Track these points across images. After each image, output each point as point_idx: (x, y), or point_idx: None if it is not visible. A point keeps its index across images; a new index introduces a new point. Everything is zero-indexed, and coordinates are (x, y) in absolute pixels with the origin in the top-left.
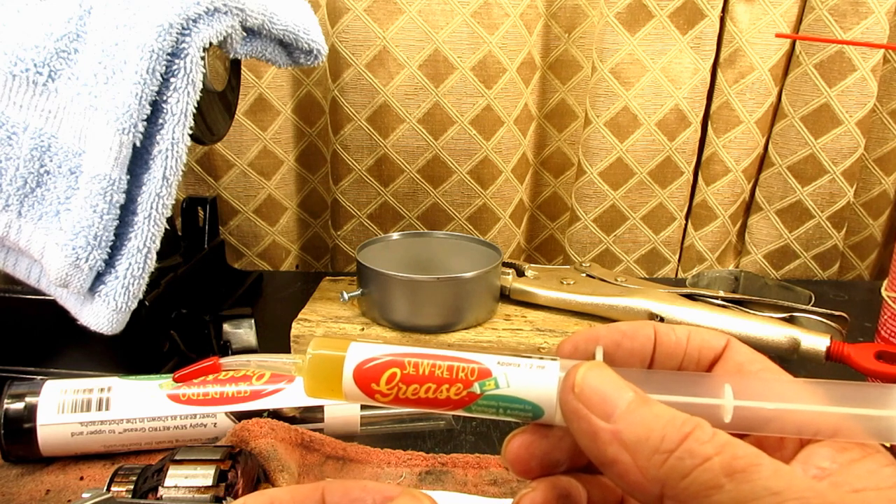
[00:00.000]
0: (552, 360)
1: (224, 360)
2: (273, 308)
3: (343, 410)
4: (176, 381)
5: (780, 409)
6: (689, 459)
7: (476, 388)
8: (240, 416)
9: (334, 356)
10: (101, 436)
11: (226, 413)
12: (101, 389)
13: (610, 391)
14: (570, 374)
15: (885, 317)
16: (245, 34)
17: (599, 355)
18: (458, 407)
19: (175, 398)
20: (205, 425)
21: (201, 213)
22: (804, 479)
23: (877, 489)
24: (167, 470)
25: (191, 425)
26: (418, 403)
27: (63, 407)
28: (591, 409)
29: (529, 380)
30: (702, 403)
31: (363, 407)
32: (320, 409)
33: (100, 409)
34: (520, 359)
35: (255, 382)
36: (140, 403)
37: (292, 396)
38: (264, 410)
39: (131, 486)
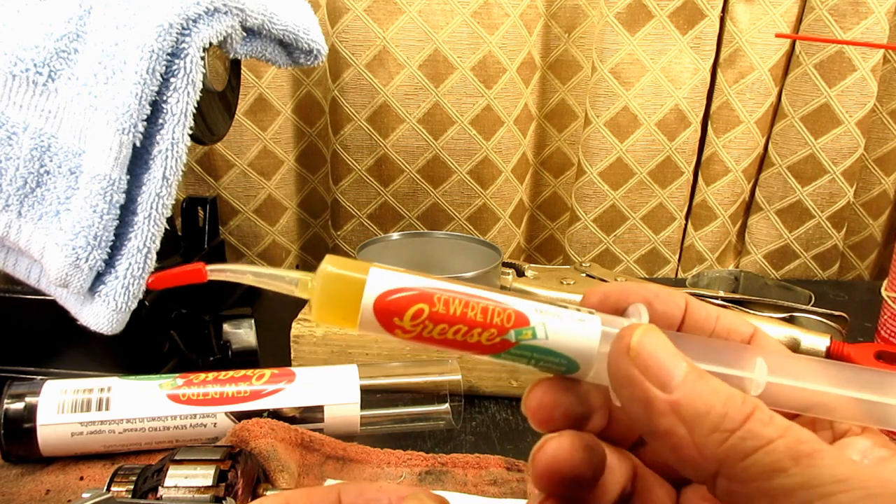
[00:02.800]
0: (590, 313)
1: (210, 268)
2: (273, 308)
3: (343, 410)
4: (150, 286)
5: (812, 391)
6: (751, 441)
7: (511, 335)
8: (240, 416)
9: (353, 278)
10: (101, 436)
11: (226, 413)
12: (101, 389)
13: (667, 359)
14: (625, 336)
15: (885, 317)
16: (245, 34)
17: (645, 316)
18: (488, 353)
19: (175, 398)
20: (205, 425)
21: (201, 213)
22: (867, 467)
23: (883, 460)
24: (167, 470)
25: (191, 425)
26: (444, 344)
27: (63, 407)
28: (647, 376)
29: (569, 332)
30: (734, 375)
31: (363, 406)
32: (320, 409)
33: (100, 409)
34: (559, 308)
35: (255, 382)
36: (140, 403)
37: (292, 396)
38: (264, 410)
39: (131, 486)
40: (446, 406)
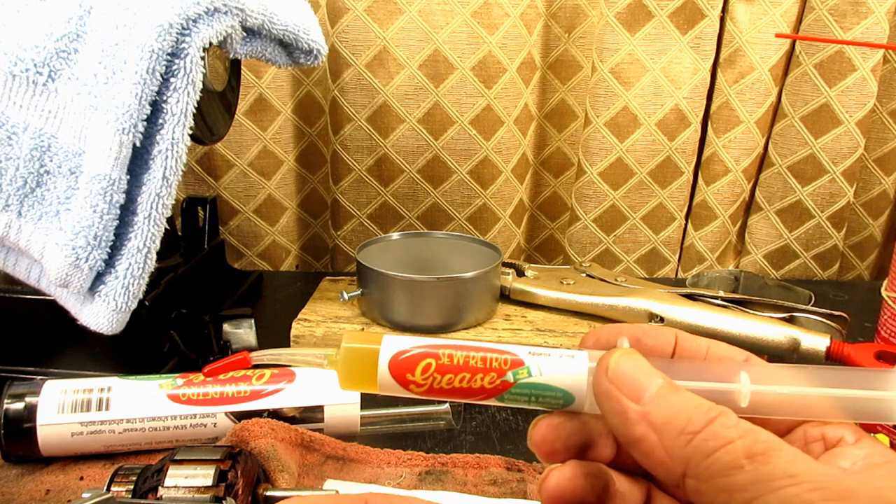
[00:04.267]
0: (579, 351)
1: (254, 355)
2: (273, 308)
3: (343, 410)
4: (206, 375)
5: (793, 394)
6: (712, 441)
7: (510, 376)
8: (240, 416)
9: (369, 349)
10: (102, 436)
11: (226, 413)
12: (101, 389)
13: (641, 376)
14: (604, 359)
15: (885, 317)
16: (245, 34)
17: (626, 345)
18: (491, 396)
19: (175, 398)
20: (205, 425)
21: (201, 213)
22: (820, 465)
23: (870, 467)
24: (167, 470)
25: (191, 425)
26: (453, 394)
27: (63, 407)
28: (622, 391)
29: (560, 368)
30: (721, 389)
31: (363, 406)
32: (320, 409)
33: (100, 409)
34: (549, 349)
35: (255, 382)
36: (140, 403)
37: (292, 396)
38: (264, 410)
39: (131, 486)
40: (446, 406)
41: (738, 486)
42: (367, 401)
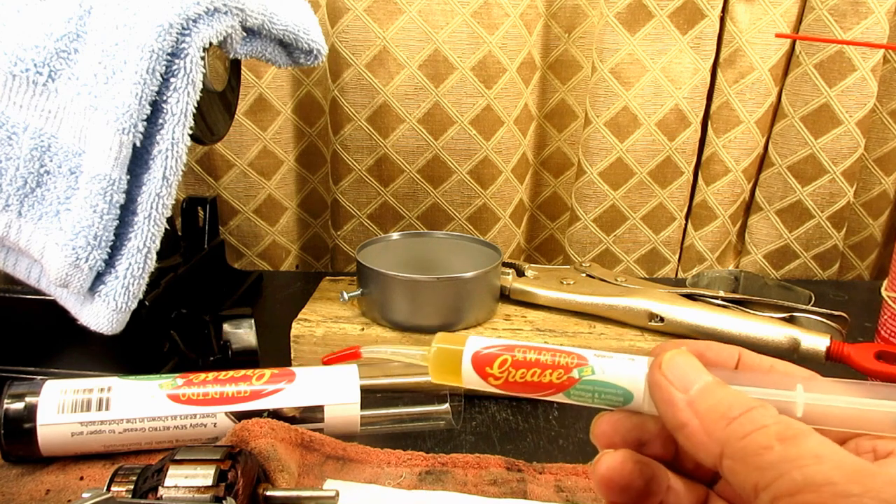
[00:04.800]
0: (640, 357)
1: (364, 350)
2: (273, 308)
3: (343, 410)
4: (324, 363)
5: (848, 407)
6: (749, 424)
7: (575, 373)
8: (240, 416)
9: (455, 349)
10: (102, 436)
11: (226, 413)
12: (101, 389)
13: (691, 371)
14: (659, 356)
15: (885, 317)
16: (245, 34)
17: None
18: (559, 391)
19: (175, 398)
20: (205, 425)
21: (201, 213)
22: (846, 452)
23: None
24: (167, 470)
25: (191, 425)
26: (525, 387)
27: (63, 407)
28: (672, 383)
29: (621, 369)
30: (776, 398)
31: (363, 406)
32: (320, 409)
33: (100, 408)
34: (612, 353)
35: (256, 382)
36: (140, 403)
37: (292, 396)
38: (264, 410)
39: (131, 486)
40: (446, 406)
41: (767, 464)
42: (368, 401)
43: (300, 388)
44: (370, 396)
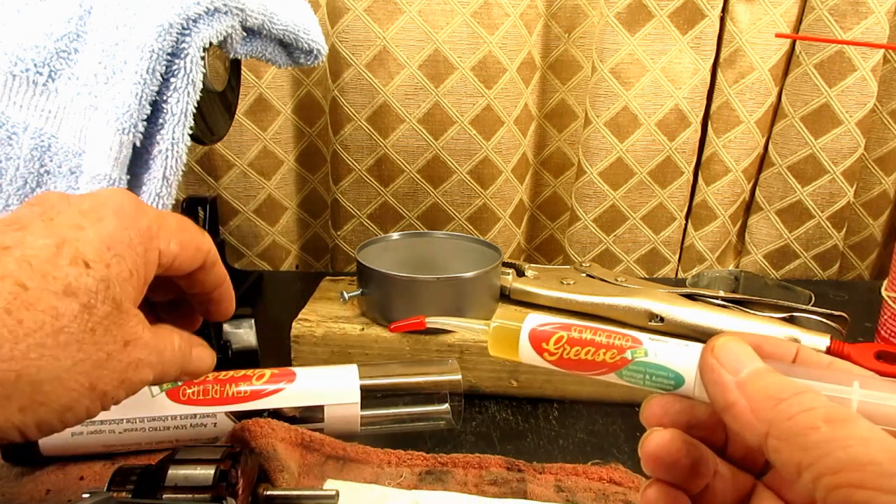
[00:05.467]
0: (695, 343)
1: (429, 320)
2: (273, 308)
3: (343, 410)
4: (391, 330)
5: None
6: (796, 406)
7: (629, 354)
8: (240, 416)
9: (514, 326)
10: (102, 436)
11: (226, 413)
12: None
13: (742, 355)
14: (712, 340)
15: (885, 317)
16: (245, 34)
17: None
18: (612, 370)
19: (175, 398)
20: (205, 425)
21: (201, 213)
22: (894, 438)
23: None
24: (167, 470)
25: (191, 425)
26: (579, 365)
27: None
28: (723, 365)
29: (674, 353)
30: (830, 391)
31: (363, 407)
32: (320, 409)
33: None
34: (667, 338)
35: (256, 382)
36: (140, 403)
37: (292, 397)
38: (264, 410)
39: (131, 486)
40: (446, 406)
41: (812, 443)
42: (368, 401)
43: (300, 388)
44: (371, 396)
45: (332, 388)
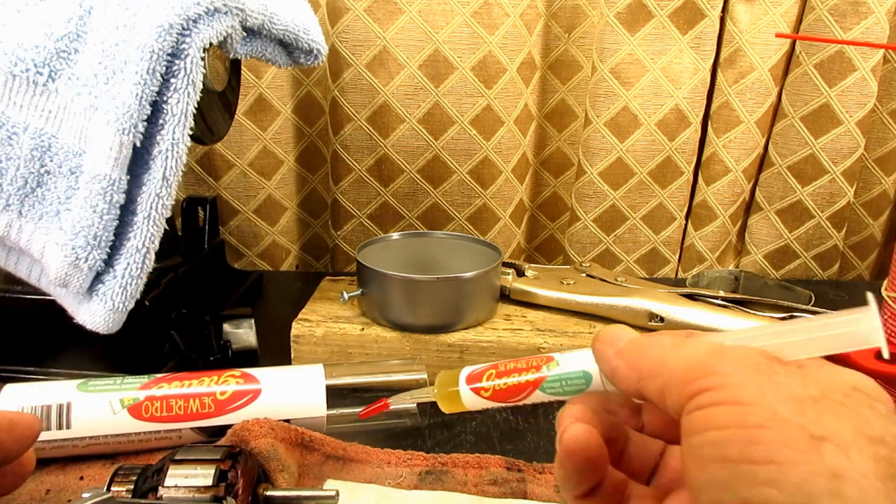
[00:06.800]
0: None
1: (391, 400)
2: (273, 308)
3: (310, 423)
4: (360, 417)
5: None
6: (655, 347)
7: (544, 370)
8: (205, 431)
9: (453, 374)
10: (65, 448)
11: (191, 429)
12: (60, 406)
13: (620, 332)
14: (598, 331)
15: (885, 317)
16: (245, 34)
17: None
18: (535, 387)
19: (137, 414)
20: (170, 438)
21: (201, 213)
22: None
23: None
24: (167, 470)
25: (156, 438)
26: (509, 393)
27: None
28: (605, 343)
29: (580, 357)
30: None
31: (330, 406)
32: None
33: (60, 427)
34: (581, 350)
35: (220, 397)
36: (101, 421)
37: (256, 410)
38: (228, 426)
39: (131, 486)
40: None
41: (661, 363)
42: (333, 399)
43: (266, 402)
44: (337, 395)
45: (298, 402)
